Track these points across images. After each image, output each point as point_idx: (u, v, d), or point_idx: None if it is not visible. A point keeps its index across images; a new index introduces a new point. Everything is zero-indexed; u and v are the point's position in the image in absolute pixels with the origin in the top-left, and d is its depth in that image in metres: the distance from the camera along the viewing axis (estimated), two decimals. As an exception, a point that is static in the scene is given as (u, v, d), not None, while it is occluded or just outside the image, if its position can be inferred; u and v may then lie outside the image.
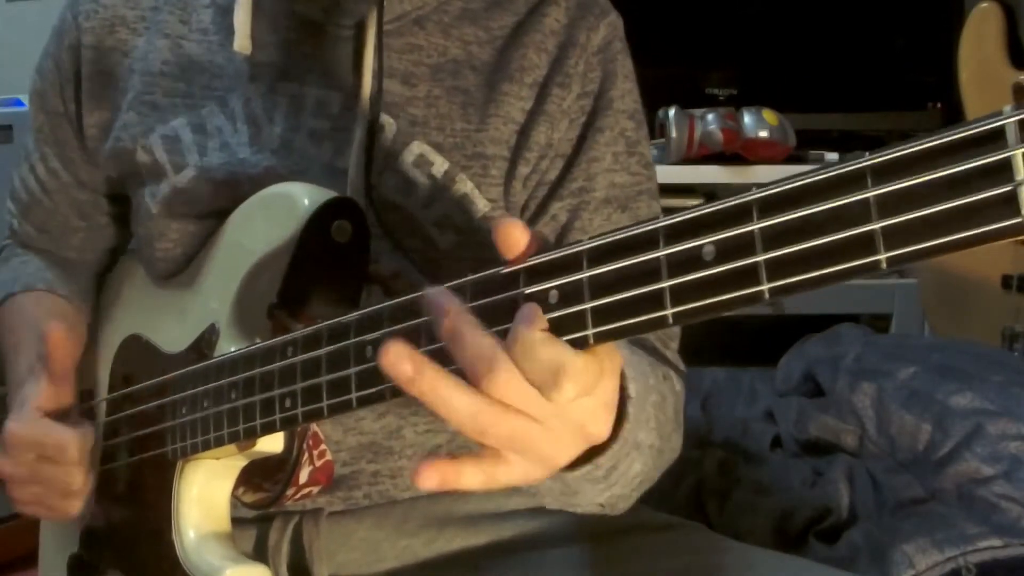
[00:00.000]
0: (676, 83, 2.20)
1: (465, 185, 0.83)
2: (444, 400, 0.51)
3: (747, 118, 2.09)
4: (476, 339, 0.51)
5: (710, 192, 2.19)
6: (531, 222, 0.85)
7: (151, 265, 0.92)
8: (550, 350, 0.50)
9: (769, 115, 2.10)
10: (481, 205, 0.84)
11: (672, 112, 2.08)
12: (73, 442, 0.80)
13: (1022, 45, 1.96)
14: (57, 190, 1.00)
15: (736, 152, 2.11)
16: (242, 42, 0.85)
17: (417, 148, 0.83)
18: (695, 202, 0.46)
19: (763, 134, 2.08)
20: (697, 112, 2.11)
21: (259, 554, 0.87)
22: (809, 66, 2.34)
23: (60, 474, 0.81)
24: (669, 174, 2.08)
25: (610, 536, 0.84)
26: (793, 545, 1.21)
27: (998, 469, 1.22)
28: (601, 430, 0.57)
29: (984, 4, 1.98)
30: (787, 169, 2.14)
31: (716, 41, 2.36)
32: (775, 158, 2.12)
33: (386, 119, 0.83)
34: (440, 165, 0.83)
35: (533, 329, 0.50)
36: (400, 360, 0.51)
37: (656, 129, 2.12)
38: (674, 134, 2.08)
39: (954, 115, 2.12)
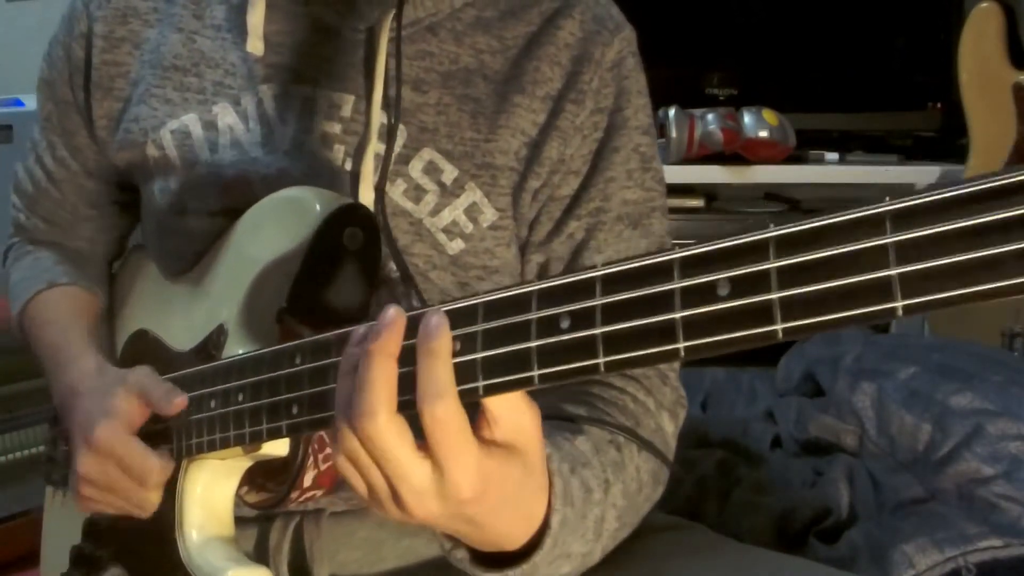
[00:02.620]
0: (676, 83, 2.19)
1: (475, 193, 0.83)
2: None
3: (747, 118, 2.09)
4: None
5: (710, 192, 2.19)
6: (547, 240, 0.85)
7: (160, 260, 0.92)
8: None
9: (769, 115, 2.10)
10: (490, 214, 0.84)
11: (672, 112, 2.08)
12: (157, 470, 0.79)
13: (1022, 45, 1.96)
14: (65, 179, 1.00)
15: (736, 152, 2.11)
16: (255, 43, 0.85)
17: (427, 155, 0.83)
18: (695, 202, 0.46)
19: (763, 134, 2.08)
20: (697, 112, 2.11)
21: (260, 554, 0.87)
22: (809, 66, 2.34)
23: (137, 494, 0.81)
24: (669, 174, 2.06)
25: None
26: (793, 545, 1.21)
27: (998, 469, 1.22)
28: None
29: (984, 4, 1.98)
30: (787, 169, 2.15)
31: (716, 41, 2.36)
32: (775, 158, 2.12)
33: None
34: (450, 173, 0.83)
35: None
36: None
37: (656, 129, 2.12)
38: (674, 134, 2.08)
39: (954, 115, 2.12)
